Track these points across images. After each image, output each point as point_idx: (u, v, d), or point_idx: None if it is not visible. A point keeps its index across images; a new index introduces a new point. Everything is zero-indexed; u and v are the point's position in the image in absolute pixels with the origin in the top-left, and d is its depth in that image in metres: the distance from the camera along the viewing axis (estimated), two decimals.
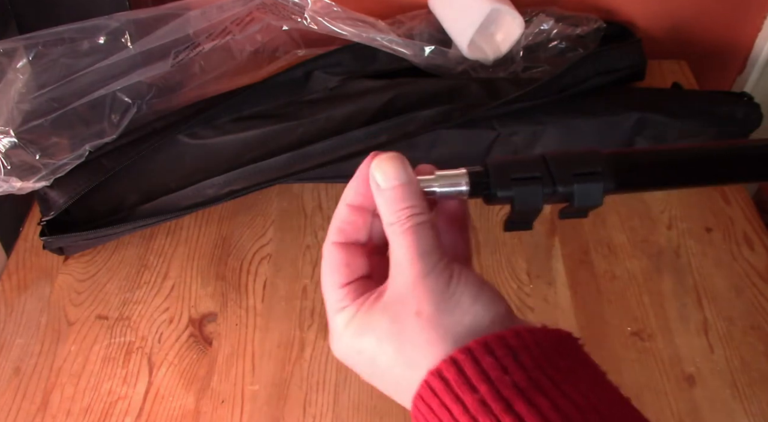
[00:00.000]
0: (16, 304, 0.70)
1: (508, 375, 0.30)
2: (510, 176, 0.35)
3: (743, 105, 0.81)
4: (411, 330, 0.32)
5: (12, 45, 0.73)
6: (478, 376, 0.30)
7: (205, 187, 0.75)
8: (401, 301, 0.33)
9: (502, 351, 0.31)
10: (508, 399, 0.29)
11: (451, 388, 0.30)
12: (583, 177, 0.35)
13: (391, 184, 0.34)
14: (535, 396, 0.29)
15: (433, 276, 0.33)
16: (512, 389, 0.29)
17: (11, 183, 0.69)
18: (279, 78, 0.85)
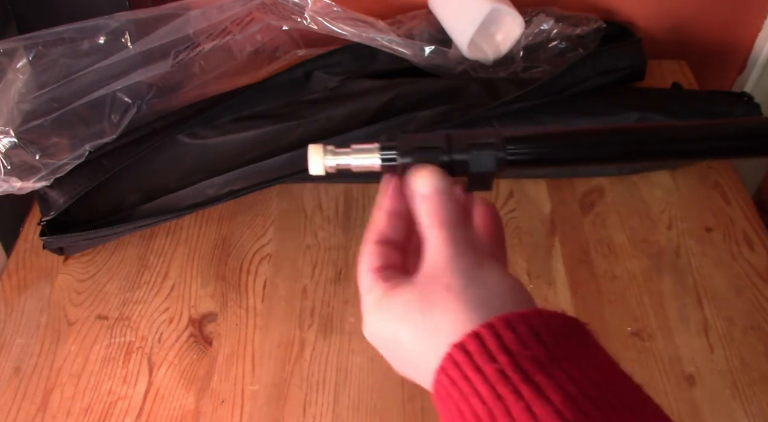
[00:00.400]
0: (16, 304, 0.70)
1: (528, 349, 0.31)
2: (413, 145, 0.41)
3: (743, 105, 0.81)
4: (439, 301, 0.34)
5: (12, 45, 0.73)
6: (498, 349, 0.31)
7: (205, 187, 0.75)
8: (433, 278, 0.35)
9: (523, 328, 0.32)
10: (527, 370, 0.31)
11: (473, 360, 0.32)
12: (477, 146, 0.41)
13: (429, 190, 0.38)
14: (554, 370, 0.31)
15: (464, 258, 0.35)
16: (531, 362, 0.31)
17: (11, 183, 0.69)
18: (279, 78, 0.85)
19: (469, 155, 0.41)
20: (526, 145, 0.42)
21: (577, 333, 0.34)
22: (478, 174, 0.41)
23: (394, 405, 0.62)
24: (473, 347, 0.32)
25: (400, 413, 0.61)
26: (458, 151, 0.41)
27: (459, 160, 0.41)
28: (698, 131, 0.43)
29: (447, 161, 0.41)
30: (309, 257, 0.74)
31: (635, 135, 0.43)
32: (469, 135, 0.41)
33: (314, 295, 0.70)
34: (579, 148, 0.43)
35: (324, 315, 0.68)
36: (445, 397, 0.33)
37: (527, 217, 0.77)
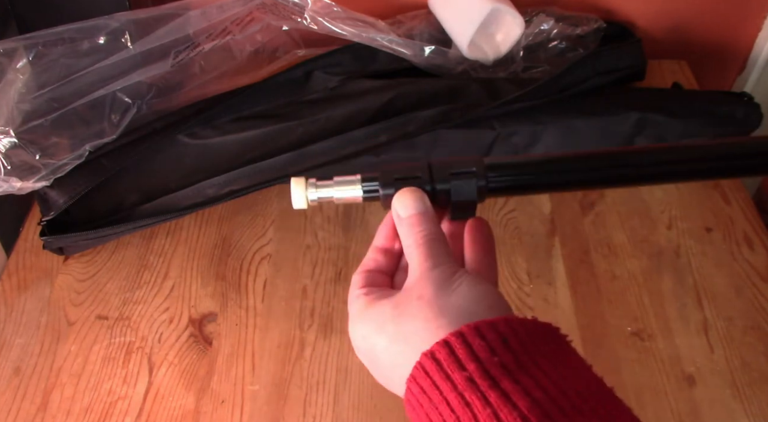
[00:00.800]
0: (16, 304, 0.70)
1: (496, 356, 0.32)
2: (394, 176, 0.42)
3: (743, 105, 0.81)
4: (411, 310, 0.36)
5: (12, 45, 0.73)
6: (467, 357, 0.32)
7: (205, 187, 0.75)
8: (407, 290, 0.37)
9: (492, 336, 0.33)
10: (494, 377, 0.31)
11: (443, 368, 0.32)
12: (458, 175, 0.41)
13: (409, 212, 0.40)
14: (521, 376, 0.31)
15: (438, 270, 0.37)
16: (499, 368, 0.32)
17: (11, 183, 0.69)
18: (279, 78, 0.85)
19: (450, 184, 0.41)
20: (507, 173, 0.43)
21: (548, 338, 0.35)
22: (461, 202, 0.42)
23: (394, 405, 0.62)
24: (442, 355, 0.33)
25: (400, 413, 0.61)
26: (439, 181, 0.42)
27: (440, 189, 0.42)
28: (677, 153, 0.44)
29: (429, 191, 0.42)
30: (309, 257, 0.74)
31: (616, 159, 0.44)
32: (450, 164, 0.42)
33: (314, 295, 0.70)
34: (560, 173, 0.44)
35: (324, 315, 0.69)
36: (416, 406, 0.34)
37: (527, 217, 0.77)
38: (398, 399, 0.62)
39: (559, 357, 0.34)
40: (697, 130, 0.80)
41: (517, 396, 0.30)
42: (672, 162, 0.44)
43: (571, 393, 0.31)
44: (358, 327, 0.39)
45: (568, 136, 0.79)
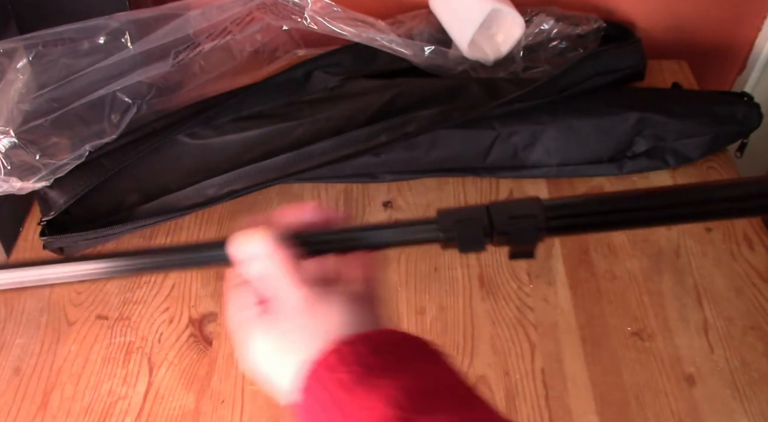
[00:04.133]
0: (16, 304, 0.70)
1: (366, 358, 0.36)
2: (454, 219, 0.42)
3: (743, 105, 0.81)
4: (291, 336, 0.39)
5: (12, 45, 0.73)
6: (339, 361, 0.36)
7: (205, 187, 0.75)
8: (286, 318, 0.40)
9: (361, 345, 0.37)
10: (363, 375, 0.35)
11: (317, 374, 0.36)
12: (517, 218, 0.42)
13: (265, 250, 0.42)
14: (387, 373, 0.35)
15: (310, 298, 0.39)
16: (368, 369, 0.35)
17: (11, 183, 0.69)
18: (279, 78, 0.85)
19: (510, 228, 0.42)
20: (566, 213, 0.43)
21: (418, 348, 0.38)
22: (520, 245, 0.42)
23: None
24: (318, 364, 0.36)
25: None
26: (499, 224, 0.42)
27: (500, 233, 0.42)
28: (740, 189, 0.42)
29: (488, 235, 0.42)
30: None
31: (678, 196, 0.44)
32: (509, 207, 0.42)
33: None
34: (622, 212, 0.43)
35: None
36: (299, 412, 0.37)
37: None
38: None
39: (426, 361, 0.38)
40: (696, 130, 0.80)
41: (381, 387, 0.34)
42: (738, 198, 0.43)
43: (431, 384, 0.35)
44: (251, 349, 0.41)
45: (568, 136, 0.79)
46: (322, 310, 0.39)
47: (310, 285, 0.40)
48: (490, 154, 0.79)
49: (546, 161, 0.80)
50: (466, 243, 0.42)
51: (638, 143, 0.79)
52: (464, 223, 0.42)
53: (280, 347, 0.39)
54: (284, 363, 0.39)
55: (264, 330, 0.40)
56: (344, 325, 0.39)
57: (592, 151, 0.80)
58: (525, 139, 0.79)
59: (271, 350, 0.40)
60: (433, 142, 0.78)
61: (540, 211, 0.42)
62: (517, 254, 0.43)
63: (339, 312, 0.39)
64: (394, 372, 0.36)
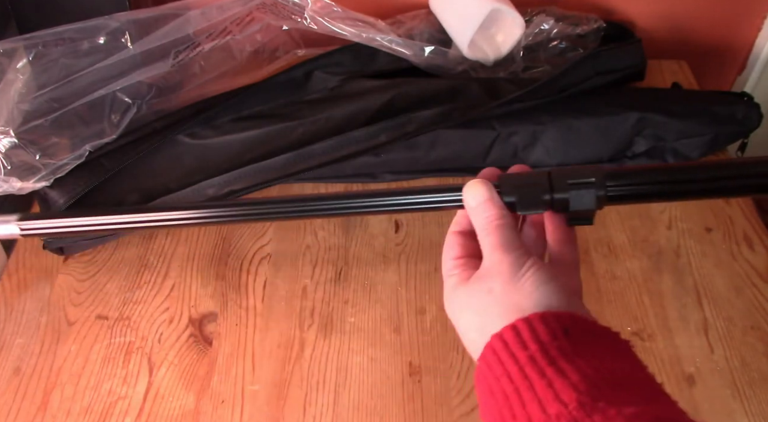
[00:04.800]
0: (16, 304, 0.70)
1: (556, 341, 0.36)
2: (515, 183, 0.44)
3: (743, 105, 0.81)
4: (482, 303, 0.40)
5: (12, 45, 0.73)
6: (531, 338, 0.36)
7: (205, 187, 0.75)
8: (480, 280, 0.41)
9: (555, 324, 0.37)
10: (553, 357, 0.35)
11: (509, 347, 0.37)
12: (577, 185, 0.43)
13: (478, 200, 0.43)
14: (576, 358, 0.35)
15: (507, 262, 0.40)
16: (558, 351, 0.35)
17: (11, 183, 0.69)
18: (279, 78, 0.85)
19: (569, 194, 0.43)
20: (626, 182, 0.44)
21: (607, 337, 0.38)
22: (579, 211, 0.43)
23: (394, 405, 0.62)
24: (509, 336, 0.37)
25: (400, 413, 0.61)
26: (559, 190, 0.43)
27: (559, 198, 0.43)
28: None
29: (548, 199, 0.43)
30: (309, 257, 0.74)
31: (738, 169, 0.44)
32: (570, 173, 0.43)
33: (314, 295, 0.70)
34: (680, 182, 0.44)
35: (324, 315, 0.69)
36: (481, 380, 0.38)
37: None
38: (398, 399, 0.62)
39: (613, 351, 0.37)
40: (696, 130, 0.80)
41: (570, 371, 0.34)
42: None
43: (618, 374, 0.35)
44: (449, 303, 0.43)
45: (568, 136, 0.79)
46: (513, 282, 0.40)
47: (511, 249, 0.41)
48: (490, 154, 0.79)
49: (546, 161, 0.80)
50: (525, 204, 0.44)
51: (638, 143, 0.80)
52: (525, 187, 0.44)
53: (472, 311, 0.41)
54: (475, 328, 0.40)
55: (462, 288, 0.42)
56: (533, 302, 0.39)
57: (592, 151, 0.80)
58: (525, 139, 0.79)
59: (464, 311, 0.41)
60: (433, 142, 0.78)
61: (601, 177, 0.43)
62: (575, 219, 0.44)
63: (530, 287, 0.39)
64: (580, 357, 0.35)
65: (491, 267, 0.41)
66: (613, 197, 0.43)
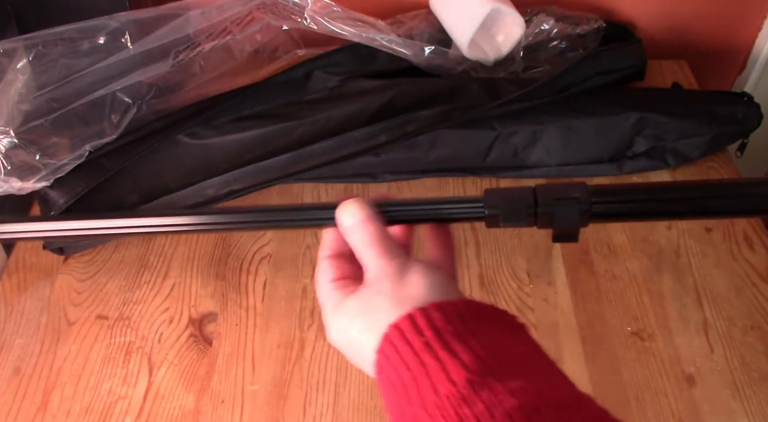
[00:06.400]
0: (16, 304, 0.70)
1: (451, 325, 0.37)
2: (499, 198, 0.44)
3: (743, 105, 0.81)
4: (375, 305, 0.40)
5: (12, 45, 0.73)
6: (426, 325, 0.37)
7: (205, 187, 0.75)
8: (368, 286, 0.41)
9: (450, 311, 0.38)
10: (447, 340, 0.36)
11: (404, 335, 0.37)
12: (562, 200, 0.43)
13: (355, 219, 0.43)
14: (470, 340, 0.36)
15: (392, 265, 0.41)
16: (452, 335, 0.36)
17: (11, 183, 0.69)
18: (279, 78, 0.85)
19: (554, 209, 0.43)
20: (611, 199, 0.44)
21: (503, 320, 0.39)
22: (563, 227, 0.43)
23: None
24: (405, 325, 0.37)
25: None
26: (544, 205, 0.43)
27: (544, 212, 0.43)
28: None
29: (532, 213, 0.43)
30: (309, 257, 0.74)
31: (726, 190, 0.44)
32: (555, 188, 0.43)
33: (314, 295, 0.70)
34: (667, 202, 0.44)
35: None
36: (381, 374, 0.38)
37: None
38: None
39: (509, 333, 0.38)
40: (696, 130, 0.80)
41: (463, 352, 0.35)
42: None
43: (511, 353, 0.36)
44: (334, 322, 0.42)
45: (568, 136, 0.79)
46: (404, 279, 0.40)
47: (394, 256, 0.42)
48: (490, 154, 0.79)
49: (546, 161, 0.80)
50: (509, 217, 0.44)
51: (638, 143, 0.80)
52: (509, 200, 0.44)
53: (362, 316, 0.40)
54: (367, 330, 0.40)
55: (347, 300, 0.42)
56: (426, 294, 0.40)
57: (592, 151, 0.80)
58: (525, 139, 0.79)
59: (354, 319, 0.41)
60: (433, 142, 0.78)
61: (585, 194, 0.43)
62: (560, 237, 0.44)
63: (419, 281, 0.40)
64: (473, 339, 0.36)
65: (378, 273, 0.41)
66: (597, 214, 0.43)
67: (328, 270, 0.44)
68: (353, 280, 0.44)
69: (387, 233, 0.43)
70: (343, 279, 0.44)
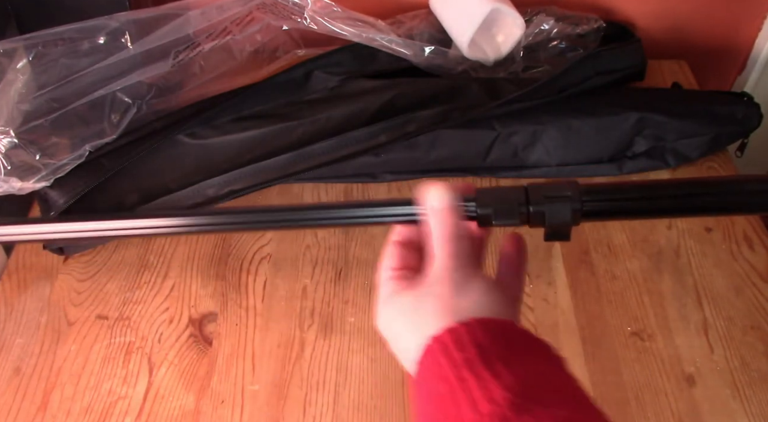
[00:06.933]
0: (16, 304, 0.70)
1: (495, 346, 0.37)
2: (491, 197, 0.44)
3: (743, 105, 0.81)
4: (428, 305, 0.40)
5: (12, 45, 0.73)
6: (470, 342, 0.37)
7: (205, 187, 0.75)
8: (428, 285, 0.41)
9: (495, 330, 0.38)
10: (490, 360, 0.36)
11: (447, 349, 0.37)
12: (553, 199, 0.43)
13: (442, 205, 0.43)
14: (513, 364, 0.36)
15: (458, 273, 0.41)
16: (495, 354, 0.36)
17: (11, 183, 0.69)
18: (279, 78, 0.85)
19: (545, 207, 0.43)
20: (602, 197, 0.44)
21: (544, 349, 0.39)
22: (555, 225, 0.43)
23: (394, 405, 0.62)
24: (448, 339, 0.37)
25: (400, 413, 0.61)
26: (535, 203, 0.43)
27: (536, 211, 0.43)
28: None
29: (524, 212, 0.43)
30: (309, 257, 0.74)
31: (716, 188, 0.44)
32: (546, 187, 0.43)
33: (314, 295, 0.70)
34: (658, 199, 0.44)
35: (324, 315, 0.69)
36: (419, 383, 0.38)
37: None
38: (398, 399, 0.62)
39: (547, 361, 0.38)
40: (696, 130, 0.80)
41: (506, 374, 0.35)
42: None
43: (551, 381, 0.36)
44: (384, 310, 0.42)
45: (568, 136, 0.79)
46: (461, 288, 0.40)
47: (462, 264, 0.41)
48: (490, 154, 0.79)
49: (546, 161, 0.80)
50: (501, 216, 0.44)
51: (638, 143, 0.80)
52: (501, 199, 0.44)
53: (411, 314, 0.40)
54: (412, 329, 0.40)
55: (402, 294, 0.41)
56: (478, 309, 0.39)
57: (592, 151, 0.80)
58: (525, 139, 0.79)
59: (402, 314, 0.41)
60: (433, 142, 0.78)
61: (576, 192, 0.43)
62: (552, 235, 0.44)
63: (477, 295, 0.40)
64: (514, 362, 0.36)
65: (440, 275, 0.41)
66: (589, 212, 0.43)
67: (393, 256, 0.44)
68: (414, 271, 0.43)
69: (466, 232, 0.43)
70: (403, 269, 0.44)
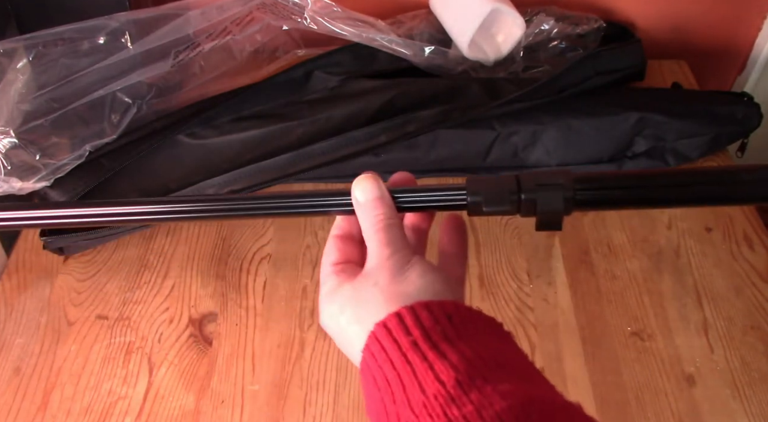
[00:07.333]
0: (16, 304, 0.70)
1: (439, 326, 0.36)
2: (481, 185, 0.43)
3: (743, 105, 0.81)
4: (367, 295, 0.40)
5: (12, 45, 0.73)
6: (414, 324, 0.36)
7: (205, 187, 0.75)
8: (366, 276, 0.41)
9: (438, 311, 0.37)
10: (435, 341, 0.36)
11: (391, 334, 0.37)
12: (545, 187, 0.42)
13: (367, 197, 0.43)
14: (458, 342, 0.36)
15: (393, 259, 0.40)
16: (440, 335, 0.36)
17: (11, 183, 0.69)
18: (279, 78, 0.85)
19: (537, 195, 0.42)
20: (595, 186, 0.43)
21: (490, 326, 0.39)
22: (547, 214, 0.43)
23: None
24: (392, 324, 0.37)
25: None
26: (527, 191, 0.42)
27: (527, 199, 0.42)
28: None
29: (515, 199, 0.42)
30: (309, 257, 0.74)
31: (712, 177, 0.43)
32: (538, 175, 0.43)
33: (314, 295, 0.70)
34: (651, 188, 0.44)
35: None
36: (365, 371, 0.38)
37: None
38: None
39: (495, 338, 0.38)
40: (696, 130, 0.80)
41: (451, 353, 0.35)
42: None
43: (499, 357, 0.36)
44: (327, 307, 0.42)
45: (568, 136, 0.79)
46: (402, 275, 0.40)
47: (397, 248, 0.41)
48: (490, 154, 0.79)
49: (546, 161, 0.80)
50: (491, 202, 0.43)
51: (638, 143, 0.80)
52: (492, 187, 0.43)
53: (354, 307, 0.40)
54: (356, 322, 0.39)
55: (343, 287, 0.41)
56: (419, 292, 0.39)
57: (592, 151, 0.80)
58: (525, 139, 0.79)
59: (345, 308, 0.40)
60: (433, 142, 0.78)
61: (569, 181, 0.42)
62: (544, 224, 0.43)
63: (416, 279, 0.40)
64: (461, 341, 0.36)
65: (378, 263, 0.40)
66: (581, 201, 0.43)
67: (333, 251, 0.44)
68: (356, 265, 0.43)
69: (397, 219, 0.42)
70: (344, 263, 0.43)
